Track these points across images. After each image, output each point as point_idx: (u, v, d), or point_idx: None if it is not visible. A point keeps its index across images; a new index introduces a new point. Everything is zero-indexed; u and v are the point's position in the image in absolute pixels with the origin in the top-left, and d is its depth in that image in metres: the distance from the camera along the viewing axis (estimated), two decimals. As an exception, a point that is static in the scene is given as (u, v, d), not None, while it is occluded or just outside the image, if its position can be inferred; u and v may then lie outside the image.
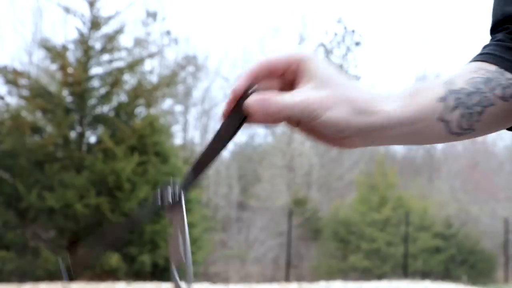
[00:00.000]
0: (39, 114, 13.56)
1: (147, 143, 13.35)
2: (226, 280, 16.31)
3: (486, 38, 1.09)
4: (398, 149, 26.38)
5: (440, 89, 0.92)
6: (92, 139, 13.90)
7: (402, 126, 0.88)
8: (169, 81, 15.79)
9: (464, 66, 0.99)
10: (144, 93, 14.06)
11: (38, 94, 13.23)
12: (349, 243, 18.29)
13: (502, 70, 0.97)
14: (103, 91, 13.80)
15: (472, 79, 0.94)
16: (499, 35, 1.03)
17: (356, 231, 18.19)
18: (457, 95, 0.92)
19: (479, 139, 25.71)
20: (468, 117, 0.92)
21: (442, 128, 0.91)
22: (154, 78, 16.91)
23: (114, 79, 13.82)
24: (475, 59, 1.00)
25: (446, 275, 17.98)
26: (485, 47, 1.03)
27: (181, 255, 0.85)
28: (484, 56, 1.00)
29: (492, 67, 0.97)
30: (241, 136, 25.41)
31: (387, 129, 0.87)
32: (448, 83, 0.93)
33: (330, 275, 16.62)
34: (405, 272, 17.30)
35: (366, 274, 17.34)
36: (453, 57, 35.03)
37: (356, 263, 17.84)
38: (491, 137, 26.38)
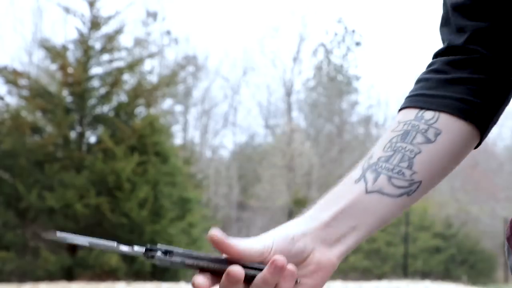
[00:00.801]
0: (39, 114, 13.56)
1: (147, 143, 13.35)
2: (226, 280, 16.30)
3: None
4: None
5: (356, 172, 0.95)
6: (92, 139, 13.91)
7: (349, 216, 0.92)
8: (169, 81, 15.80)
9: (390, 124, 1.01)
10: (144, 93, 14.07)
11: (38, 94, 13.23)
12: (349, 243, 18.28)
13: (422, 112, 0.98)
14: (103, 91, 13.80)
15: (389, 142, 0.96)
16: (436, 63, 1.03)
17: (356, 231, 18.18)
18: (374, 167, 0.94)
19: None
20: (397, 176, 0.93)
21: (382, 198, 0.92)
22: (154, 78, 16.92)
23: (114, 79, 13.83)
24: (403, 106, 1.02)
25: (446, 275, 17.98)
26: (418, 81, 1.04)
27: None
28: (410, 99, 1.01)
29: (412, 114, 0.98)
30: (241, 136, 25.45)
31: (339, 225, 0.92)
32: (365, 160, 0.96)
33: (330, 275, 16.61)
34: (405, 272, 17.31)
35: (366, 274, 17.35)
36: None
37: (356, 263, 17.85)
38: (491, 137, 26.38)
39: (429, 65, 1.05)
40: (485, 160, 24.54)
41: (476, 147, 1.03)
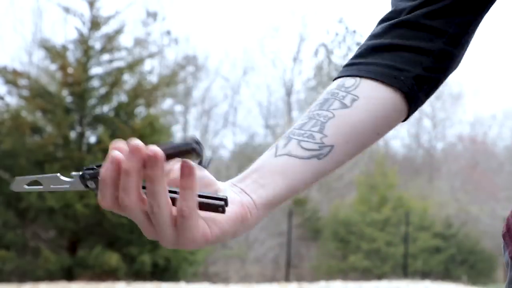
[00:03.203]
0: (39, 114, 13.56)
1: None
2: (226, 280, 16.31)
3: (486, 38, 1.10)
4: (398, 149, 26.42)
5: (272, 148, 0.93)
6: (92, 139, 13.91)
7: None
8: (169, 81, 15.79)
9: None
10: (144, 93, 14.06)
11: (38, 94, 13.23)
12: (349, 243, 18.28)
13: (344, 80, 0.96)
14: (103, 91, 13.80)
15: (308, 112, 0.94)
16: (377, 28, 1.01)
17: (356, 231, 18.18)
18: (287, 135, 0.92)
19: (479, 139, 25.68)
20: (307, 139, 0.91)
21: (290, 159, 0.90)
22: (154, 78, 16.91)
23: (114, 79, 13.83)
24: (334, 78, 1.00)
25: (446, 275, 17.98)
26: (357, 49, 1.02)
27: None
28: (341, 70, 0.99)
29: (335, 83, 0.97)
30: (241, 136, 25.44)
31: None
32: (281, 137, 0.93)
33: (330, 275, 16.62)
34: (405, 272, 17.30)
35: (366, 274, 17.34)
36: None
37: (356, 263, 17.84)
38: (491, 137, 26.38)
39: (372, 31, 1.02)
40: (485, 160, 24.54)
41: (404, 120, 0.99)
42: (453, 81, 29.67)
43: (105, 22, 13.75)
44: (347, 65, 0.98)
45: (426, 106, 26.08)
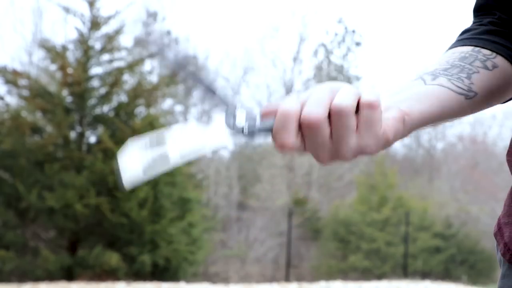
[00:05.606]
0: (39, 114, 13.56)
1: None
2: (226, 280, 16.30)
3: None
4: (398, 149, 26.42)
5: (411, 77, 0.95)
6: (92, 139, 13.91)
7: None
8: (169, 81, 15.79)
9: (440, 55, 1.03)
10: (144, 93, 14.06)
11: (38, 94, 13.23)
12: (349, 243, 18.28)
13: (478, 48, 1.02)
14: (103, 91, 13.80)
15: (446, 61, 0.98)
16: (488, 19, 1.06)
17: (356, 231, 18.18)
18: (431, 72, 0.96)
19: (479, 139, 25.68)
20: (456, 80, 0.95)
21: (442, 88, 0.93)
22: (154, 78, 16.91)
23: (114, 79, 13.82)
24: (453, 46, 1.04)
25: (446, 275, 17.98)
26: (466, 30, 1.07)
27: None
28: (463, 41, 1.04)
29: (468, 48, 1.02)
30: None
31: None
32: (420, 71, 0.96)
33: (330, 275, 16.62)
34: (405, 272, 17.30)
35: (366, 274, 17.34)
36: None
37: (356, 263, 17.84)
38: (491, 137, 26.38)
39: (479, 22, 1.08)
40: (485, 160, 24.53)
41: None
42: (453, 81, 29.54)
43: (105, 22, 13.75)
44: (469, 39, 1.04)
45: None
